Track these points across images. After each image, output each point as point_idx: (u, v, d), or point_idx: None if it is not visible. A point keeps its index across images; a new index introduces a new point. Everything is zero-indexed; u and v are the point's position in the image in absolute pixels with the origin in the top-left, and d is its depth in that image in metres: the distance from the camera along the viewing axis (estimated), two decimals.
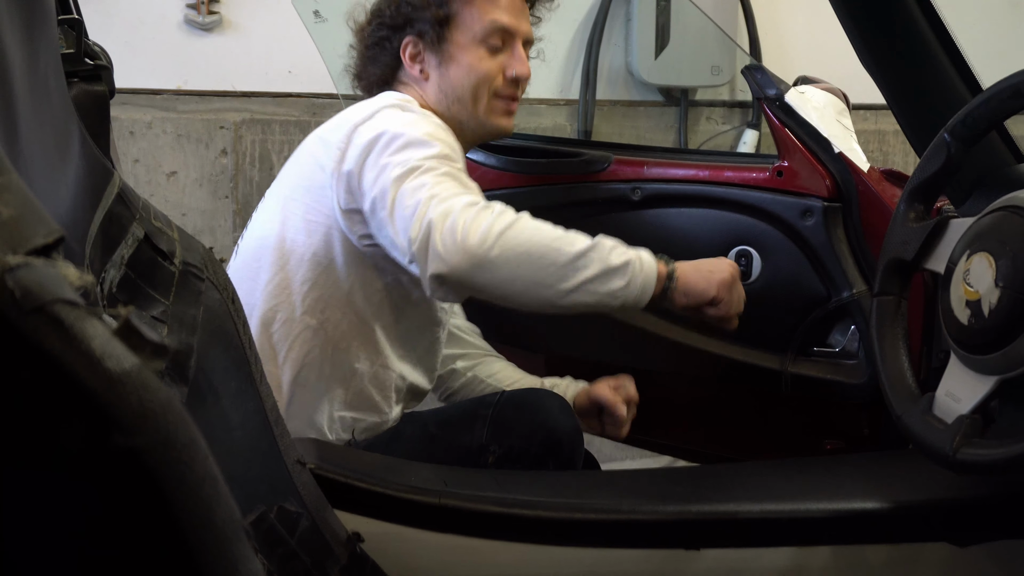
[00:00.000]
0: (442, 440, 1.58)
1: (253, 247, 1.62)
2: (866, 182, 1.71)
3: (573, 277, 1.36)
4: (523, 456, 1.52)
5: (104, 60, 0.93)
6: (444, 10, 1.64)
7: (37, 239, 0.39)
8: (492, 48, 1.65)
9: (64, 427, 0.37)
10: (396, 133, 1.48)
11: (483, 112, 1.66)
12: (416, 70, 1.67)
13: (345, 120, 1.57)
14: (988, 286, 1.20)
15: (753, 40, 3.46)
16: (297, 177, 1.62)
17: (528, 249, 1.35)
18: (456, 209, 1.34)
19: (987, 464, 1.16)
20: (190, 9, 3.14)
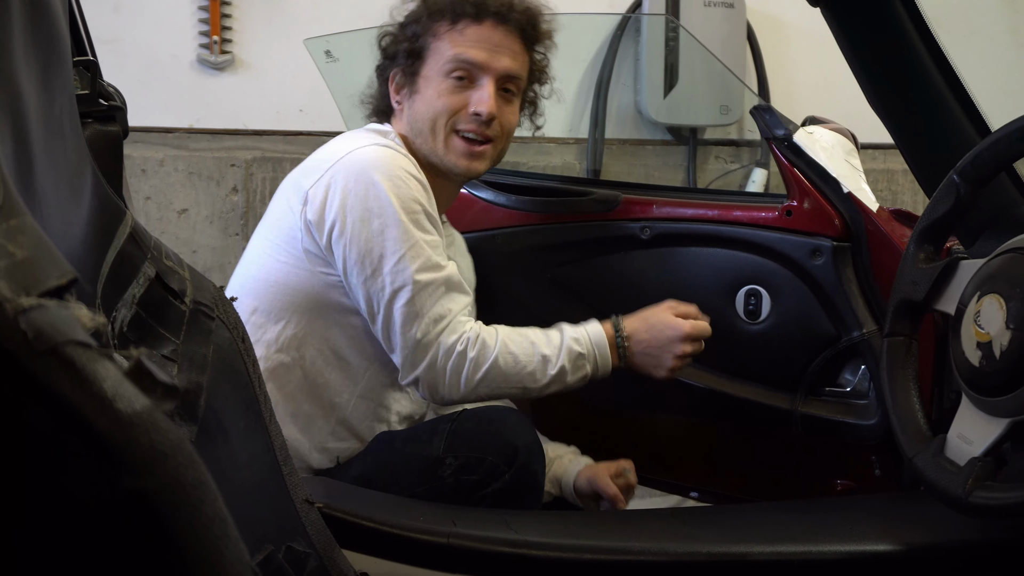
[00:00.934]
0: (404, 454, 1.58)
1: (235, 284, 1.66)
2: (875, 222, 1.71)
3: (545, 382, 1.59)
4: (479, 466, 1.51)
5: (118, 101, 0.94)
6: (417, 43, 1.66)
7: (50, 281, 0.39)
8: (457, 82, 1.64)
9: (76, 469, 0.37)
10: (368, 220, 1.52)
11: (441, 148, 1.65)
12: (395, 101, 1.70)
13: (317, 165, 1.58)
14: (999, 328, 1.19)
15: (761, 80, 3.48)
16: (272, 216, 1.64)
17: (506, 377, 1.57)
18: (439, 359, 1.55)
19: (1000, 508, 1.15)
20: (203, 49, 3.17)
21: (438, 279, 1.54)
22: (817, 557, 1.32)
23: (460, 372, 1.55)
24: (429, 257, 1.54)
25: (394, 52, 1.69)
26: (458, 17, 1.64)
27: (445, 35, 1.64)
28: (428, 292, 1.53)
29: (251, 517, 0.94)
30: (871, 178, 1.84)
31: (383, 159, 1.56)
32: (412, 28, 1.67)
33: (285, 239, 1.58)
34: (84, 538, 0.38)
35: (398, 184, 1.54)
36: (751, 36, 3.47)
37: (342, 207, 1.53)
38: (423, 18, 1.66)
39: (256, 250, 1.65)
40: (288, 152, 3.26)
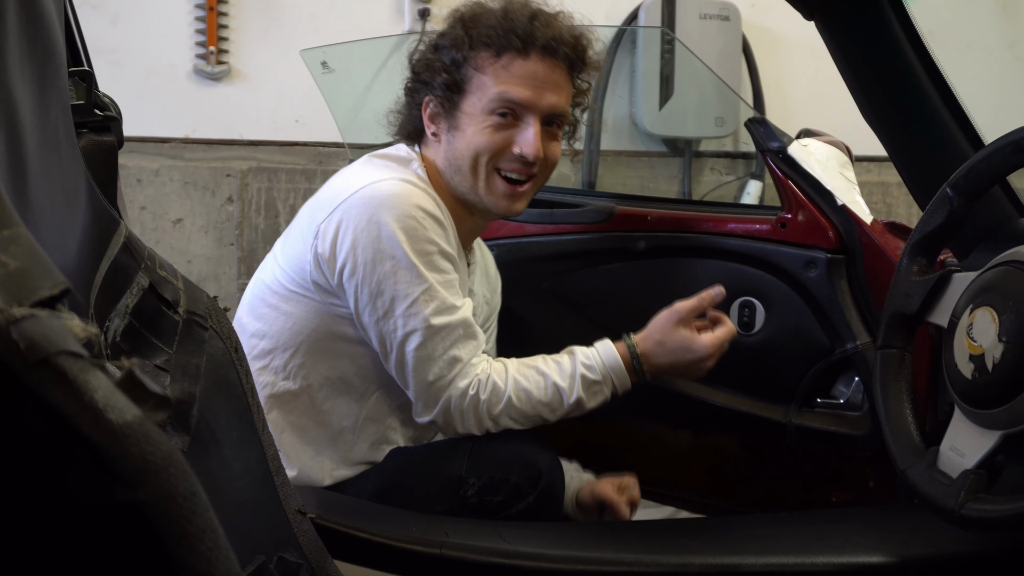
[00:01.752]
0: (424, 471, 1.55)
1: (247, 302, 1.64)
2: (869, 234, 1.72)
3: (562, 412, 1.58)
4: (502, 486, 1.49)
5: (113, 111, 0.94)
6: (457, 75, 1.56)
7: (42, 291, 0.39)
8: (500, 120, 1.55)
9: (69, 480, 0.37)
10: (379, 261, 1.48)
11: (482, 188, 1.57)
12: (431, 131, 1.61)
13: (332, 197, 1.54)
14: (992, 341, 1.19)
15: (756, 92, 3.49)
16: (288, 242, 1.61)
17: (522, 413, 1.56)
18: (452, 402, 1.53)
19: (993, 520, 1.15)
20: (199, 59, 3.17)
21: (452, 322, 1.51)
22: (811, 569, 1.32)
23: (475, 414, 1.54)
24: (443, 300, 1.50)
25: (429, 78, 1.59)
26: (503, 49, 1.54)
27: (489, 69, 1.55)
28: (441, 336, 1.50)
29: (243, 527, 0.94)
30: (865, 190, 1.84)
31: (397, 197, 1.49)
32: (451, 55, 1.57)
33: (295, 268, 1.55)
34: (77, 549, 0.38)
35: (411, 224, 1.48)
36: (746, 49, 3.49)
37: (353, 247, 1.48)
38: (464, 46, 1.56)
39: (269, 272, 1.61)
40: (284, 162, 3.27)
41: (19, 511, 0.37)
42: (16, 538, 0.38)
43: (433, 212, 1.51)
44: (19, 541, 0.38)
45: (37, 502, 0.38)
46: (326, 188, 1.60)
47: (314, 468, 1.58)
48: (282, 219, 3.26)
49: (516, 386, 1.54)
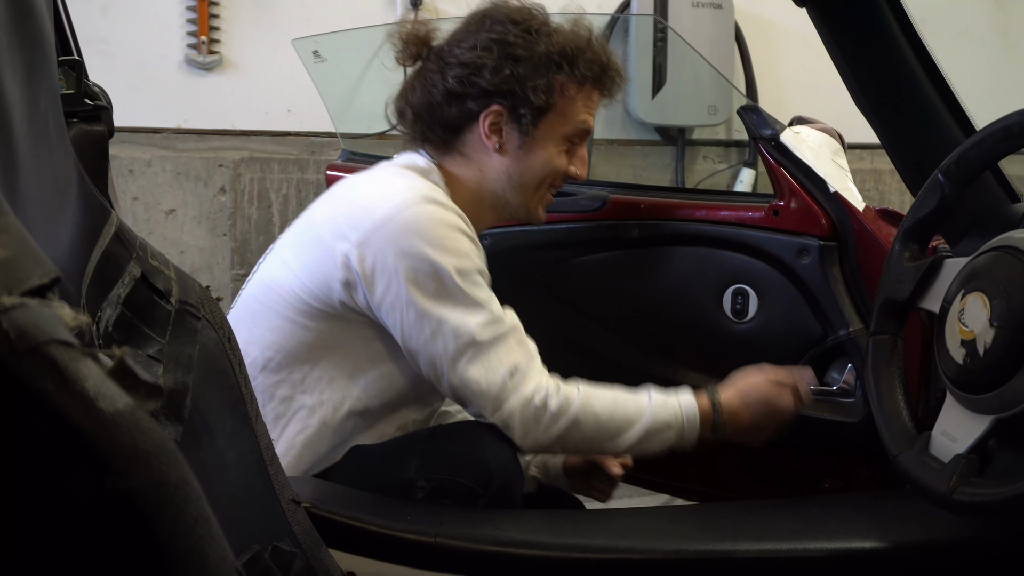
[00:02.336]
0: (376, 474, 1.50)
1: (255, 306, 1.56)
2: (862, 221, 1.72)
3: (624, 448, 1.55)
4: (453, 490, 1.45)
5: (104, 101, 0.94)
6: (550, 98, 1.55)
7: (33, 280, 0.39)
8: (571, 145, 1.60)
9: (59, 469, 0.37)
10: (422, 285, 1.44)
11: (534, 203, 1.62)
12: (493, 143, 1.57)
13: (359, 218, 1.48)
14: (983, 326, 1.20)
15: (749, 80, 3.49)
16: (304, 252, 1.54)
17: (584, 436, 1.52)
18: (516, 410, 1.48)
19: (984, 505, 1.16)
20: (191, 49, 3.16)
21: (502, 331, 1.48)
22: (803, 555, 1.32)
23: (538, 423, 1.48)
24: (490, 312, 1.48)
25: (507, 88, 1.53)
26: (595, 85, 1.59)
27: (578, 97, 1.58)
28: (495, 348, 1.47)
29: (237, 517, 0.94)
30: (858, 178, 1.85)
31: (430, 220, 1.46)
32: (545, 75, 1.53)
33: (319, 286, 1.49)
34: (67, 538, 0.38)
35: (449, 246, 1.46)
36: (739, 37, 3.49)
37: (391, 279, 1.44)
38: (557, 69, 1.54)
39: (283, 282, 1.54)
40: (276, 152, 3.26)
41: (7, 501, 0.37)
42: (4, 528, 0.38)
43: (465, 230, 1.49)
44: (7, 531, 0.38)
45: (26, 492, 0.38)
46: (346, 201, 1.54)
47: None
48: (275, 209, 3.25)
49: (587, 404, 1.50)
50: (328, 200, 1.60)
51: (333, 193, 1.61)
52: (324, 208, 1.58)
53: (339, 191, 1.60)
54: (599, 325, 1.92)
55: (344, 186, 1.61)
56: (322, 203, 1.60)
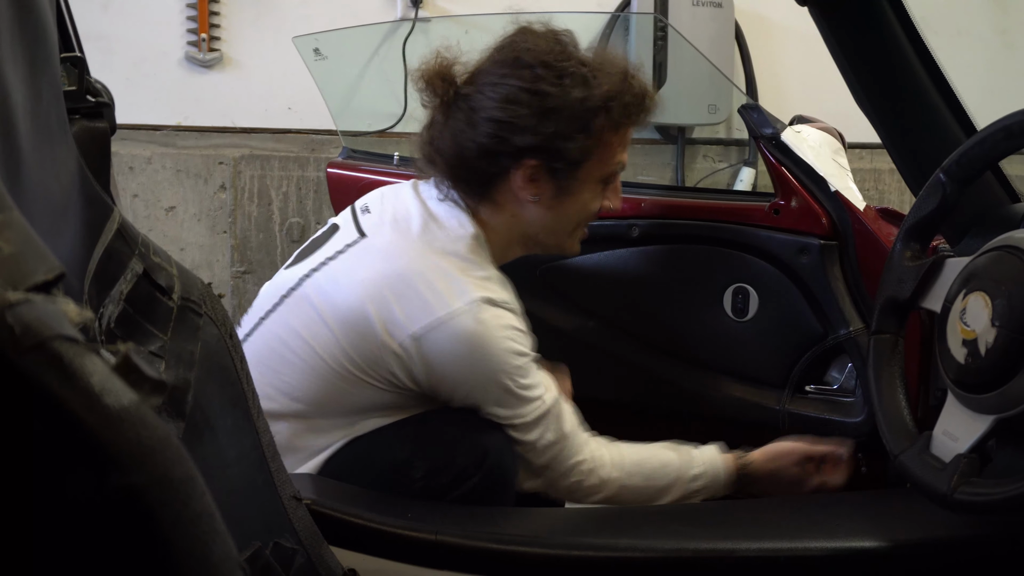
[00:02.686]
0: (371, 459, 1.50)
1: (283, 346, 1.52)
2: (862, 220, 1.72)
3: (661, 500, 1.61)
4: (447, 468, 1.47)
5: (106, 97, 0.94)
6: (588, 150, 1.51)
7: (37, 275, 0.39)
8: (606, 186, 1.58)
9: (64, 465, 0.37)
10: (484, 387, 1.48)
11: (568, 241, 1.62)
12: (528, 195, 1.53)
13: (421, 310, 1.44)
14: (984, 325, 1.20)
15: (749, 79, 3.49)
16: (349, 324, 1.48)
17: (619, 501, 1.59)
18: (554, 483, 1.56)
19: (985, 504, 1.16)
20: (191, 47, 3.16)
21: (543, 411, 1.51)
22: (804, 553, 1.32)
23: (573, 495, 1.58)
24: (535, 395, 1.50)
25: (546, 142, 1.48)
26: (630, 124, 1.56)
27: (614, 139, 1.54)
28: (537, 425, 1.51)
29: (238, 514, 0.94)
30: (858, 177, 1.85)
31: (489, 329, 1.45)
32: (575, 134, 1.49)
33: (369, 362, 1.47)
34: (72, 534, 0.38)
35: (509, 351, 1.47)
36: (739, 35, 3.48)
37: (457, 384, 1.48)
38: (587, 119, 1.49)
39: (322, 342, 1.48)
40: (277, 150, 3.26)
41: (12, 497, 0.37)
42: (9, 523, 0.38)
43: (519, 326, 1.50)
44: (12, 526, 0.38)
45: (31, 487, 0.38)
46: (400, 281, 1.47)
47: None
48: (275, 206, 3.25)
49: (621, 487, 1.58)
50: (367, 256, 1.52)
51: (374, 247, 1.52)
52: (368, 266, 1.50)
53: (380, 246, 1.52)
54: (599, 324, 1.92)
55: (386, 240, 1.53)
56: (362, 256, 1.52)
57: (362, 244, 1.54)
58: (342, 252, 1.54)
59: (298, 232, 3.27)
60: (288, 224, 3.27)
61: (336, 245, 1.57)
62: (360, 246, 1.54)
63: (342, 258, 1.54)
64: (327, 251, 1.57)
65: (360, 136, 2.50)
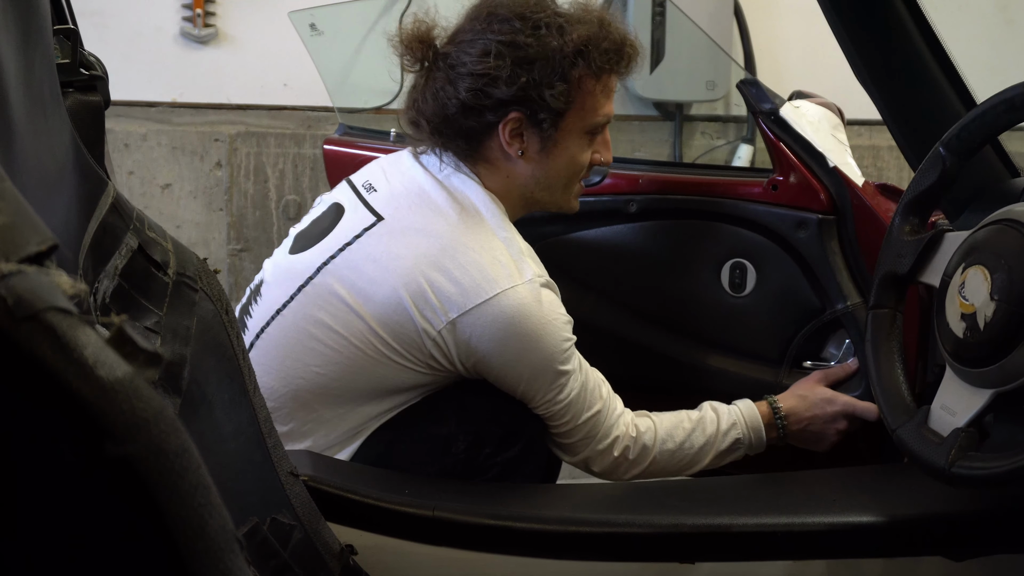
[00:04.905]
0: (413, 436, 1.51)
1: (310, 337, 1.50)
2: (861, 196, 1.72)
3: (696, 470, 1.63)
4: (490, 438, 1.49)
5: (99, 70, 0.93)
6: (568, 98, 1.50)
7: (30, 247, 0.39)
8: (593, 137, 1.57)
9: (57, 436, 0.37)
10: (535, 375, 1.47)
11: (564, 197, 1.60)
12: (514, 150, 1.52)
13: (454, 291, 1.43)
14: (983, 299, 1.20)
15: (748, 55, 3.47)
16: (378, 304, 1.46)
17: (662, 470, 1.60)
18: (595, 460, 1.56)
19: (983, 478, 1.16)
20: (186, 22, 3.14)
21: (590, 383, 1.52)
22: (801, 528, 1.33)
23: (616, 470, 1.57)
24: (586, 380, 1.51)
25: (524, 95, 1.48)
26: (603, 70, 1.52)
27: (596, 88, 1.53)
28: (574, 403, 1.51)
29: (236, 489, 0.94)
30: (857, 154, 1.84)
31: (535, 314, 1.44)
32: (555, 82, 1.48)
33: (406, 345, 1.46)
34: (65, 505, 0.38)
35: (555, 336, 1.46)
36: (738, 11, 3.46)
37: (504, 367, 1.46)
38: (571, 65, 1.48)
39: (355, 327, 1.47)
40: (272, 127, 3.25)
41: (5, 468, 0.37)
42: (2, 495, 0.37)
43: (562, 313, 1.50)
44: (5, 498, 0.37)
45: (24, 458, 0.37)
46: (431, 263, 1.45)
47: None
48: (271, 184, 3.24)
49: (662, 451, 1.58)
50: (393, 239, 1.49)
51: (399, 230, 1.50)
52: (397, 252, 1.47)
53: (407, 227, 1.50)
54: (598, 299, 1.91)
55: (412, 221, 1.50)
56: (387, 240, 1.49)
57: (384, 227, 1.51)
58: (360, 236, 1.51)
59: (295, 210, 3.26)
60: (285, 202, 3.26)
61: (352, 229, 1.53)
62: (382, 229, 1.51)
63: (361, 243, 1.51)
64: (341, 236, 1.53)
65: (357, 113, 2.48)
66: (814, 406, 1.67)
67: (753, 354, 1.84)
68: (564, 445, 1.55)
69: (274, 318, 1.54)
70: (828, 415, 1.68)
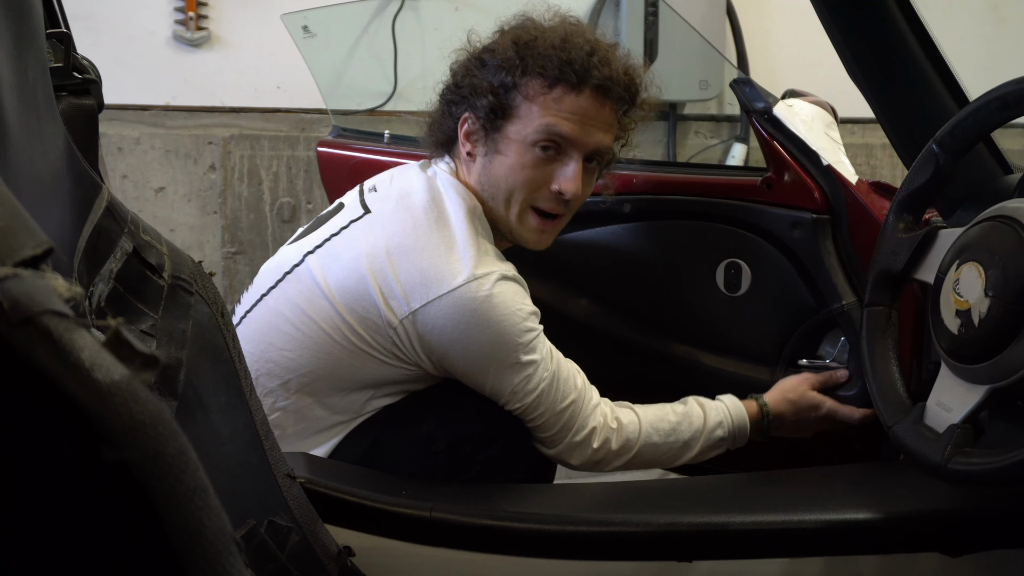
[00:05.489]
0: (395, 436, 1.51)
1: (286, 321, 1.52)
2: (854, 194, 1.72)
3: (679, 464, 1.64)
4: (470, 437, 1.49)
5: (93, 74, 0.93)
6: (503, 99, 1.50)
7: (25, 250, 0.39)
8: (542, 153, 1.50)
9: (54, 440, 0.37)
10: (499, 368, 1.46)
11: (514, 219, 1.54)
12: (466, 149, 1.56)
13: (418, 280, 1.43)
14: (978, 296, 1.20)
15: (741, 54, 3.48)
16: (349, 293, 1.47)
17: (644, 462, 1.61)
18: (574, 453, 1.54)
19: (979, 474, 1.16)
20: (179, 25, 3.14)
21: (548, 374, 1.49)
22: (798, 526, 1.33)
23: (598, 464, 1.56)
24: (558, 371, 1.50)
25: (470, 94, 1.53)
26: (556, 81, 1.48)
27: (538, 99, 1.49)
28: (547, 394, 1.50)
29: (233, 492, 0.94)
30: (850, 152, 1.84)
31: (493, 305, 1.43)
32: (500, 77, 1.50)
33: (371, 334, 1.46)
34: (63, 510, 0.38)
35: (516, 328, 1.45)
36: (731, 11, 3.47)
37: (466, 360, 1.46)
38: (515, 70, 1.49)
39: (326, 317, 1.48)
40: (266, 130, 3.24)
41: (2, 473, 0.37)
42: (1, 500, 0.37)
43: (529, 307, 1.48)
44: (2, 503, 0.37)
45: (21, 463, 0.37)
46: (400, 253, 1.46)
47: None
48: (265, 186, 3.24)
49: (646, 442, 1.57)
50: (371, 229, 1.51)
51: (378, 221, 1.52)
52: (371, 240, 1.49)
53: (384, 219, 1.52)
54: (592, 300, 1.91)
55: (390, 214, 1.52)
56: (366, 230, 1.51)
57: (366, 219, 1.54)
58: (346, 228, 1.55)
59: (289, 212, 3.25)
60: (279, 204, 3.26)
61: (340, 222, 1.57)
62: (363, 220, 1.54)
63: (344, 233, 1.54)
64: (331, 228, 1.57)
65: (350, 115, 2.48)
66: (799, 411, 1.70)
67: (748, 353, 1.84)
68: (542, 439, 1.54)
69: (257, 303, 1.57)
70: (811, 420, 1.71)
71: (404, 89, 2.90)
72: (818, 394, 1.71)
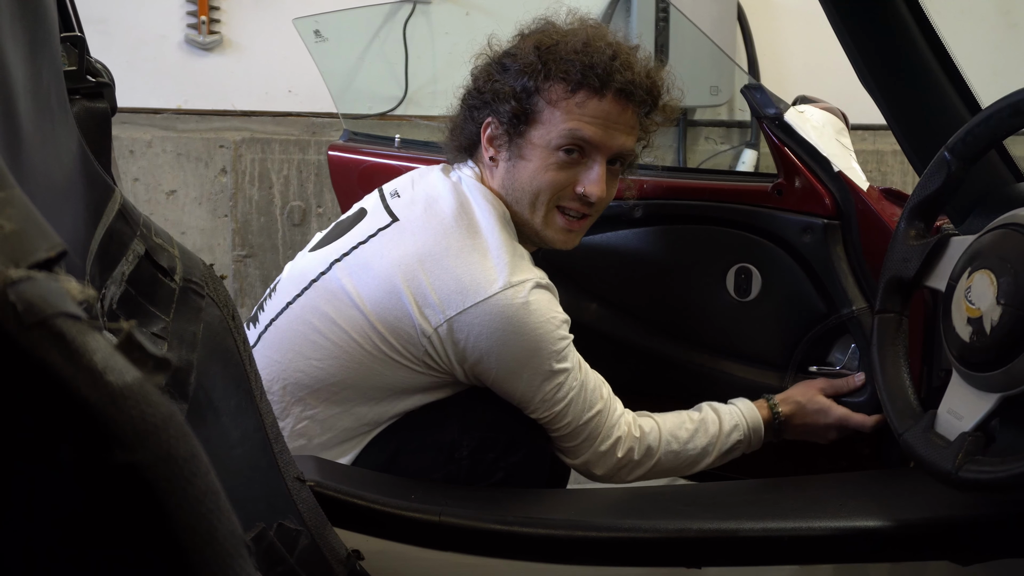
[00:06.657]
0: (417, 443, 1.51)
1: (313, 331, 1.51)
2: (865, 200, 1.72)
3: (696, 470, 1.64)
4: (494, 444, 1.49)
5: (106, 77, 0.93)
6: (526, 104, 1.51)
7: (39, 253, 0.39)
8: (566, 156, 1.51)
9: (66, 442, 0.37)
10: (532, 376, 1.46)
11: (539, 221, 1.55)
12: (489, 154, 1.57)
13: (451, 289, 1.43)
14: (990, 303, 1.20)
15: (752, 60, 3.48)
16: (379, 303, 1.47)
17: (664, 471, 1.62)
18: (598, 462, 1.56)
19: (990, 482, 1.16)
20: (191, 29, 3.15)
21: (576, 385, 1.50)
22: (808, 533, 1.32)
23: (620, 472, 1.57)
24: (585, 380, 1.51)
25: (493, 99, 1.53)
26: (579, 86, 1.49)
27: (561, 103, 1.50)
28: (573, 404, 1.50)
29: (242, 495, 0.94)
30: (861, 159, 1.84)
31: (530, 313, 1.44)
32: (522, 82, 1.51)
33: (402, 342, 1.46)
34: (75, 511, 0.38)
35: (551, 335, 1.46)
36: (741, 16, 3.47)
37: (500, 368, 1.45)
38: (538, 75, 1.50)
39: (356, 324, 1.47)
40: (277, 133, 3.25)
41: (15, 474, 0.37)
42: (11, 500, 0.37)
43: (560, 315, 1.49)
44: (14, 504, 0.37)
45: (35, 465, 0.37)
46: (433, 262, 1.45)
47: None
48: (276, 190, 3.25)
49: (666, 451, 1.58)
50: (401, 238, 1.50)
51: (408, 229, 1.51)
52: (402, 249, 1.48)
53: (414, 227, 1.51)
54: (603, 305, 1.91)
55: (420, 222, 1.51)
56: (395, 239, 1.50)
57: (395, 227, 1.53)
58: (373, 236, 1.53)
59: (299, 216, 3.26)
60: (289, 207, 3.27)
61: (367, 229, 1.56)
62: (393, 229, 1.53)
63: (373, 242, 1.53)
64: (357, 235, 1.56)
65: (361, 119, 2.49)
66: (809, 415, 1.70)
67: (758, 359, 1.84)
68: (567, 449, 1.54)
69: (283, 311, 1.56)
70: (820, 426, 1.71)
71: (415, 93, 2.91)
72: (828, 399, 1.71)
